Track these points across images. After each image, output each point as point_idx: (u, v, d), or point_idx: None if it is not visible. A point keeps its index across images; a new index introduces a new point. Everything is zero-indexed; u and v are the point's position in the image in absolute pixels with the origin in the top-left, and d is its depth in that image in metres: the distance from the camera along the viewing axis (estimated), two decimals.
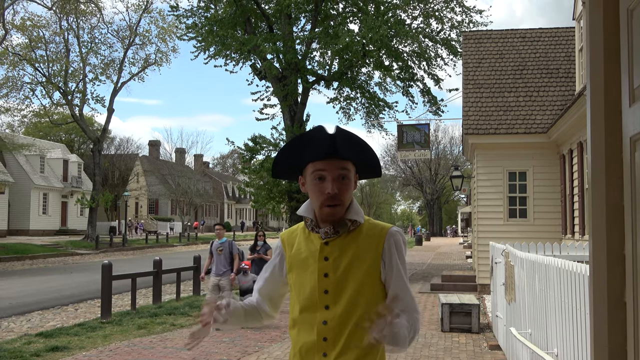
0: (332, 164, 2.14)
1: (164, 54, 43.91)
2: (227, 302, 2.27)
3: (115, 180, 58.57)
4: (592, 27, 1.94)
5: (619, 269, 1.81)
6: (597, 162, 1.88)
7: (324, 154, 2.14)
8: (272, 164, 2.30)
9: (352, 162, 2.20)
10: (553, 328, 5.13)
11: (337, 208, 2.15)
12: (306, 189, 2.23)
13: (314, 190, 2.17)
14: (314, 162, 2.16)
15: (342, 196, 2.15)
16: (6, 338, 10.22)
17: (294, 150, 2.21)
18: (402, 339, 2.02)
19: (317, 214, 2.22)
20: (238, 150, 26.96)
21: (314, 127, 2.23)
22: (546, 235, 14.02)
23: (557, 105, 15.40)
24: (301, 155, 2.19)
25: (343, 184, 2.15)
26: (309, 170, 2.19)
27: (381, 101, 24.47)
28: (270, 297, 2.41)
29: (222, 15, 22.87)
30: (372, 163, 2.27)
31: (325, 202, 2.14)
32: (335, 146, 2.13)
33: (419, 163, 76.45)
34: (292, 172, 2.29)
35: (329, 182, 2.14)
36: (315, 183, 2.16)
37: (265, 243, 12.55)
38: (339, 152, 2.14)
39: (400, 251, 2.20)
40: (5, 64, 39.75)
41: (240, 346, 9.06)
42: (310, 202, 2.25)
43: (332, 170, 2.14)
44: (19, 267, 26.07)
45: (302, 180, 2.25)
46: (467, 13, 22.64)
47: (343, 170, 2.15)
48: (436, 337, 9.73)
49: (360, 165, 2.25)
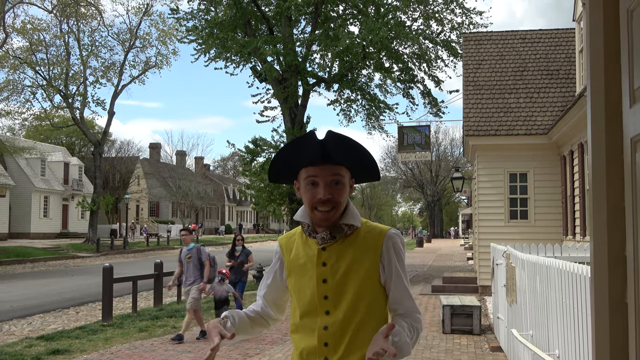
0: (325, 169, 2.14)
1: (164, 57, 44.03)
2: (232, 314, 2.27)
3: (116, 183, 58.55)
4: (592, 28, 1.94)
5: (620, 270, 1.80)
6: (598, 163, 1.88)
7: (315, 160, 2.13)
8: (269, 168, 2.30)
9: (346, 166, 2.19)
10: (554, 329, 5.12)
11: (330, 213, 2.14)
12: (300, 193, 2.23)
13: (307, 196, 2.17)
14: (307, 168, 2.16)
15: (335, 200, 2.14)
16: (7, 341, 10.22)
17: (287, 155, 2.20)
18: (406, 348, 2.02)
19: (310, 218, 2.21)
20: (239, 152, 26.99)
21: (306, 132, 2.22)
22: (547, 236, 14.02)
23: (557, 107, 15.40)
24: (295, 160, 2.19)
25: (336, 189, 2.14)
26: (302, 175, 2.19)
27: (381, 103, 24.49)
28: (275, 302, 2.40)
29: (223, 17, 22.89)
30: (369, 167, 2.24)
31: (316, 205, 2.14)
32: (327, 152, 2.12)
33: (419, 165, 76.50)
34: (287, 176, 2.28)
35: (321, 187, 2.13)
36: (308, 188, 2.16)
37: (244, 248, 11.88)
38: (331, 157, 2.13)
39: (399, 253, 2.19)
40: (6, 67, 39.82)
41: (241, 349, 9.05)
42: (305, 208, 2.24)
43: (325, 175, 2.13)
44: (20, 270, 26.07)
45: (297, 185, 2.25)
46: (467, 15, 22.66)
47: (336, 175, 2.15)
48: (437, 339, 9.71)
49: (355, 169, 2.23)
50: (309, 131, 2.19)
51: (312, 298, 2.16)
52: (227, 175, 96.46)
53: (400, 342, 2.00)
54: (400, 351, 1.99)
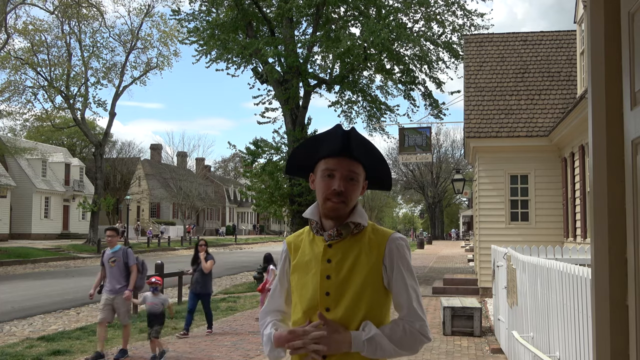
0: (343, 163, 2.19)
1: (165, 58, 44.03)
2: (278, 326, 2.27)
3: (117, 184, 58.61)
4: (593, 30, 1.94)
5: (621, 272, 1.80)
6: (599, 165, 1.88)
7: (337, 149, 2.19)
8: (288, 158, 2.35)
9: (363, 166, 2.24)
10: (555, 331, 5.12)
11: (341, 205, 2.17)
12: (315, 186, 2.27)
13: (321, 186, 2.21)
14: (326, 160, 2.21)
15: (347, 195, 2.17)
16: (8, 342, 10.22)
17: (310, 146, 2.27)
18: (384, 346, 2.06)
19: (320, 210, 2.24)
20: (240, 153, 27.00)
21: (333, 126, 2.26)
22: (548, 238, 14.01)
23: (558, 109, 15.39)
24: (316, 151, 2.25)
25: (350, 184, 2.19)
26: (320, 167, 2.24)
27: (382, 104, 24.51)
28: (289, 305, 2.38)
29: (224, 19, 22.91)
30: (384, 173, 2.31)
31: (329, 196, 2.17)
32: (349, 144, 2.18)
33: (420, 166, 76.51)
34: (304, 168, 2.33)
35: (337, 179, 2.18)
36: (325, 179, 2.21)
37: (208, 254, 10.77)
38: (352, 150, 2.19)
39: (402, 256, 2.20)
40: (8, 68, 39.87)
41: (242, 350, 9.05)
42: (316, 205, 2.27)
43: (342, 169, 2.19)
44: (20, 271, 26.08)
45: (312, 178, 2.30)
46: (469, 16, 22.69)
47: (352, 172, 2.20)
48: (438, 340, 9.71)
49: (371, 173, 2.28)
50: (335, 125, 2.24)
51: (314, 294, 2.17)
52: (228, 176, 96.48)
53: (374, 339, 2.05)
54: (373, 349, 2.05)
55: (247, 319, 12.17)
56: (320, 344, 2.03)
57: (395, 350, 2.09)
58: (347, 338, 2.06)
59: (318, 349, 2.03)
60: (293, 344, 2.08)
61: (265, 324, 2.30)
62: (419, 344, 2.14)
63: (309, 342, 2.04)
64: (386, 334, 2.08)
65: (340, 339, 2.05)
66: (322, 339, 2.04)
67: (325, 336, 2.04)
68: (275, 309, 2.36)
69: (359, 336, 2.06)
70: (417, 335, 2.12)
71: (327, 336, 2.04)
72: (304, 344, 2.05)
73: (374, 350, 2.06)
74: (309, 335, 2.05)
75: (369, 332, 2.07)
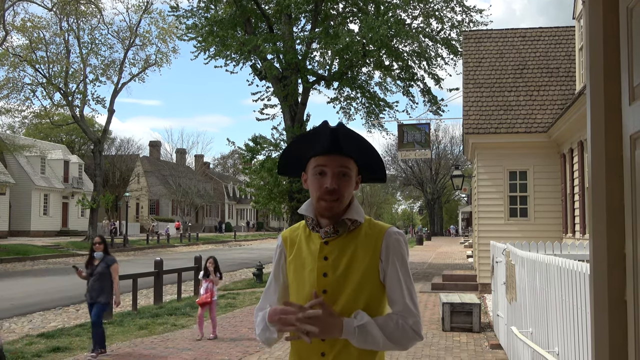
0: (334, 160, 2.16)
1: (164, 55, 43.96)
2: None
3: (116, 181, 58.55)
4: (591, 25, 1.94)
5: (620, 268, 1.81)
6: (597, 160, 1.88)
7: (326, 147, 2.16)
8: (279, 158, 2.33)
9: (355, 160, 2.21)
10: (554, 327, 5.12)
11: (335, 203, 2.15)
12: (307, 185, 2.25)
13: (314, 185, 2.19)
14: (317, 157, 2.19)
15: (340, 192, 2.16)
16: (8, 339, 10.21)
17: (299, 145, 2.25)
18: (375, 336, 2.05)
19: (315, 208, 2.22)
20: (239, 150, 26.98)
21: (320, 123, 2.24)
22: (547, 234, 14.02)
23: (557, 104, 15.39)
24: (306, 150, 2.23)
25: (343, 180, 2.17)
26: (311, 165, 2.22)
27: (381, 101, 24.48)
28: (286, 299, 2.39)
29: (222, 15, 22.87)
30: (376, 165, 2.28)
31: (322, 195, 2.15)
32: (338, 140, 2.15)
33: (419, 163, 76.48)
34: (296, 167, 2.31)
35: (328, 177, 2.15)
36: (316, 178, 2.18)
37: (107, 255, 8.66)
38: (341, 146, 2.16)
39: (399, 252, 2.19)
40: (6, 65, 39.79)
41: (241, 346, 9.06)
42: (311, 201, 2.25)
43: (333, 166, 2.16)
44: (20, 268, 26.08)
45: (305, 177, 2.28)
46: (467, 12, 22.66)
47: (344, 167, 2.17)
48: (437, 336, 9.72)
49: (363, 167, 2.26)
50: (322, 121, 2.21)
51: (311, 291, 2.16)
52: (227, 173, 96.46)
53: (365, 327, 2.04)
54: (364, 337, 2.04)
55: (246, 315, 12.18)
56: (314, 326, 2.01)
57: (385, 342, 2.06)
58: (339, 323, 2.04)
59: (310, 330, 2.01)
60: (285, 319, 2.06)
61: (260, 316, 2.30)
62: (410, 341, 2.12)
63: (303, 320, 2.03)
64: (379, 324, 2.07)
65: (332, 323, 2.04)
66: (316, 320, 2.02)
67: (319, 317, 2.02)
68: (269, 305, 2.34)
69: (350, 322, 2.04)
70: (409, 332, 2.10)
71: (321, 319, 2.02)
72: (297, 320, 2.03)
73: (364, 338, 2.04)
74: (305, 313, 2.03)
75: (361, 319, 2.05)
